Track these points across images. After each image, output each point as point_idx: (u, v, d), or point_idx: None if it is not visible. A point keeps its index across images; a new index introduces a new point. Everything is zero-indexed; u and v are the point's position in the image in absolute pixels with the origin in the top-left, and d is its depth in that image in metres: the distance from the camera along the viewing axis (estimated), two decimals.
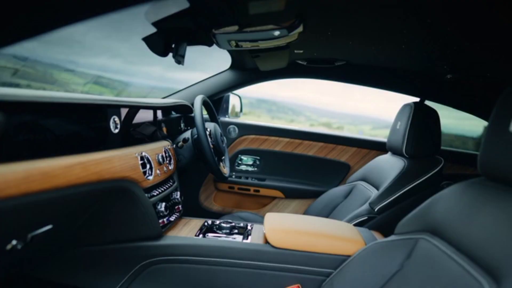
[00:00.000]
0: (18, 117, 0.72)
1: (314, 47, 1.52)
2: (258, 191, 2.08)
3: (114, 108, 1.07)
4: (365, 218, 1.44)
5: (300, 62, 1.79)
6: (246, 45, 1.24)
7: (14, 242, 0.75)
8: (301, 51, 1.58)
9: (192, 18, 1.06)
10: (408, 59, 1.58)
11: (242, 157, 2.13)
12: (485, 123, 2.66)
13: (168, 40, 1.19)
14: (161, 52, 1.21)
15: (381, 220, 1.43)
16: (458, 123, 2.84)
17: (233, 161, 2.12)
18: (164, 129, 1.64)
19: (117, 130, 1.07)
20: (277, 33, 1.10)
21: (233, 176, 2.10)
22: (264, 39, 1.17)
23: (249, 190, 2.09)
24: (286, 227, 1.19)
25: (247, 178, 2.12)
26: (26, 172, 0.66)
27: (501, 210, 0.73)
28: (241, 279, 1.14)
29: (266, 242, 1.17)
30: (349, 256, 1.09)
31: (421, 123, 1.53)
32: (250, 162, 2.14)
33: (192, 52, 1.23)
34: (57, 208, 0.82)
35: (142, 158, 1.13)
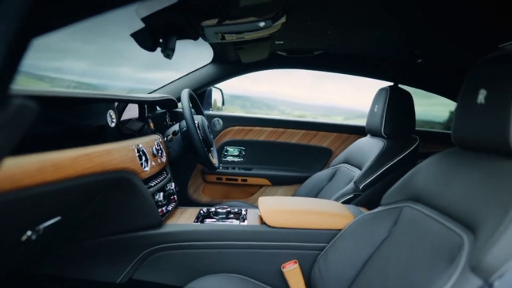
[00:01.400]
0: None
1: (294, 37, 1.59)
2: (245, 180, 2.15)
3: (109, 103, 1.10)
4: (351, 196, 1.54)
5: (280, 53, 1.86)
6: (232, 38, 1.29)
7: (29, 233, 0.77)
8: (282, 42, 1.65)
9: (179, 12, 1.10)
10: (382, 46, 1.69)
11: (228, 149, 2.18)
12: (451, 108, 2.85)
13: (156, 35, 1.22)
14: (150, 47, 1.24)
15: (366, 196, 1.53)
16: (426, 109, 3.03)
17: (220, 152, 2.17)
18: (152, 125, 1.67)
19: (113, 124, 1.10)
20: (262, 24, 1.16)
21: (221, 168, 2.15)
22: (249, 31, 1.22)
23: (236, 180, 2.15)
24: (280, 208, 1.26)
25: (234, 168, 2.17)
26: (40, 163, 0.69)
27: (474, 173, 0.83)
28: (241, 260, 1.20)
29: (262, 223, 1.23)
30: (340, 230, 1.18)
31: (397, 105, 1.64)
32: (236, 153, 2.19)
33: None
34: (66, 199, 0.85)
35: (138, 150, 1.16)
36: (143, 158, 1.20)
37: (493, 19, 1.12)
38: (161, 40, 1.22)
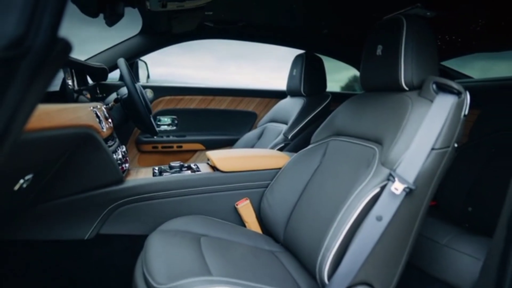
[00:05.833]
0: None
1: (222, 9, 1.75)
2: (180, 146, 2.27)
3: (65, 67, 1.13)
4: (282, 145, 1.81)
5: (207, 23, 1.99)
6: (173, 6, 1.39)
7: (21, 181, 0.82)
8: (211, 13, 1.79)
9: None
10: (295, 18, 1.96)
11: (161, 118, 2.27)
12: (341, 84, 3.38)
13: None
14: (93, 13, 1.27)
15: (295, 144, 1.82)
16: None
17: None
18: (89, 95, 1.68)
19: (70, 87, 1.14)
20: None
21: (155, 137, 2.23)
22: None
23: (172, 147, 2.26)
24: (229, 155, 1.46)
25: (168, 136, 2.27)
26: (36, 111, 0.76)
27: (378, 106, 1.14)
28: (199, 203, 1.37)
29: (215, 170, 1.42)
30: (280, 168, 1.43)
31: (312, 67, 1.96)
32: (169, 122, 2.29)
33: None
34: (46, 149, 0.91)
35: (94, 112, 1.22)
36: (98, 120, 1.26)
37: None
38: (105, 6, 1.26)
